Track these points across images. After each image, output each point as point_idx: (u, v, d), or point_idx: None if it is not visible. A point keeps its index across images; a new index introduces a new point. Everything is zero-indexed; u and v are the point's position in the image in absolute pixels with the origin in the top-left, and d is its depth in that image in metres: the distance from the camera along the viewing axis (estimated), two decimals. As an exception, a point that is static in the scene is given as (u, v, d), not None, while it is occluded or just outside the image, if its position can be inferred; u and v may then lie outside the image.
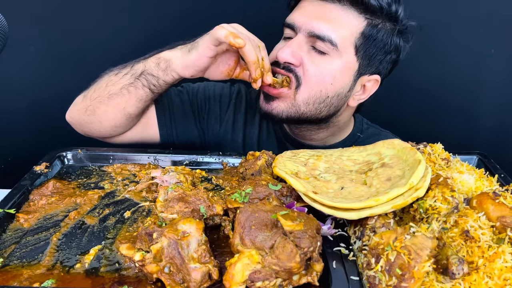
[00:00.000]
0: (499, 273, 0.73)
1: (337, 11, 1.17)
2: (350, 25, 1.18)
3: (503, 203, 0.83)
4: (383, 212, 0.83)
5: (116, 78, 1.25)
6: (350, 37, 1.18)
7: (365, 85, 1.30)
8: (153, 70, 1.21)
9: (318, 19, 1.17)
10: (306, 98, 1.22)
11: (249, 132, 1.46)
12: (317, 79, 1.20)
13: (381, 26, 1.20)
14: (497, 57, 1.81)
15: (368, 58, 1.23)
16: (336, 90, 1.23)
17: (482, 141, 1.95)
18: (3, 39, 0.95)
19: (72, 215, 0.98)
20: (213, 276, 0.75)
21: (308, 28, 1.17)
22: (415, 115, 1.94)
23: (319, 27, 1.16)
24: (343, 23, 1.17)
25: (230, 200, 0.93)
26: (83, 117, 1.31)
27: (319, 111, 1.25)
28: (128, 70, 1.25)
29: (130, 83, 1.23)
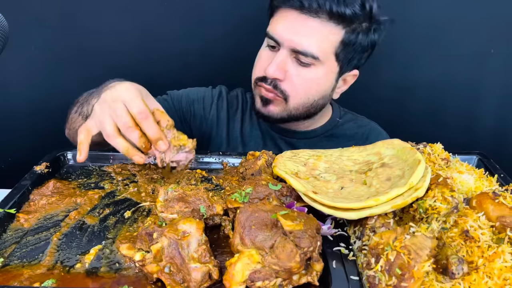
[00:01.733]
0: (498, 273, 0.73)
1: (316, 25, 1.22)
2: (330, 37, 1.24)
3: (503, 203, 0.83)
4: (383, 212, 0.84)
5: (75, 116, 1.26)
6: (330, 47, 1.26)
7: (346, 79, 1.40)
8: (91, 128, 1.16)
9: (299, 35, 1.22)
10: (296, 105, 1.33)
11: (232, 127, 1.55)
12: (304, 89, 1.30)
13: (358, 29, 1.26)
14: (497, 57, 1.81)
15: (348, 60, 1.31)
16: (321, 93, 1.34)
17: (482, 141, 1.96)
18: (3, 39, 0.95)
19: (72, 215, 0.98)
20: (213, 276, 0.76)
21: (290, 44, 1.23)
22: (415, 115, 1.95)
23: (301, 43, 1.22)
24: (323, 36, 1.23)
25: (230, 200, 0.93)
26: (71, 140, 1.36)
27: (307, 111, 1.37)
28: (80, 110, 1.23)
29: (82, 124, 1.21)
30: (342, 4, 1.20)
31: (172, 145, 1.04)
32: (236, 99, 1.58)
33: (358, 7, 1.22)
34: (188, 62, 1.86)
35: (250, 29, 1.80)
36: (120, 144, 0.99)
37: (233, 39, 1.83)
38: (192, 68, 1.87)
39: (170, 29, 1.81)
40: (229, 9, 1.78)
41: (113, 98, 0.99)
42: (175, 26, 1.81)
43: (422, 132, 1.87)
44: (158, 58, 1.85)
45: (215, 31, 1.82)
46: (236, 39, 1.82)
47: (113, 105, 0.98)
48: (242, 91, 1.62)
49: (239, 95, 1.60)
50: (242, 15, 1.79)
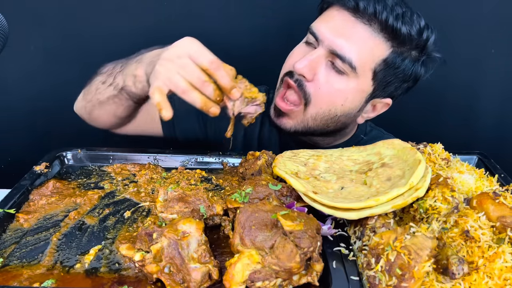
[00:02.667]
0: (499, 273, 0.73)
1: (364, 32, 1.12)
2: (375, 50, 1.14)
3: (503, 203, 0.83)
4: (383, 212, 0.83)
5: (103, 87, 1.22)
6: (371, 62, 1.15)
7: (376, 105, 1.29)
8: (131, 88, 1.13)
9: (343, 37, 1.12)
10: (314, 115, 1.21)
11: (250, 130, 1.46)
12: (328, 99, 1.19)
13: (406, 54, 1.16)
14: (497, 57, 1.81)
15: (385, 84, 1.20)
16: (346, 110, 1.22)
17: (482, 141, 1.95)
18: (3, 39, 0.95)
19: (72, 215, 0.98)
20: (213, 276, 0.75)
21: (331, 45, 1.13)
22: (415, 115, 1.94)
23: (342, 46, 1.12)
24: (367, 47, 1.13)
25: (230, 200, 0.93)
26: (83, 115, 1.36)
27: (326, 126, 1.25)
28: (111, 81, 1.19)
29: (114, 95, 1.19)
30: (400, 19, 1.10)
31: (243, 96, 1.00)
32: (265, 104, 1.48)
33: (416, 31, 1.13)
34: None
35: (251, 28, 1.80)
36: (197, 98, 0.93)
37: (233, 39, 1.82)
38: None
39: (170, 29, 1.81)
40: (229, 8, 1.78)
41: (178, 55, 0.95)
42: (175, 26, 1.81)
43: (422, 132, 1.86)
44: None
45: (215, 31, 1.82)
46: (237, 39, 1.82)
47: (180, 61, 0.94)
48: (265, 89, 1.46)
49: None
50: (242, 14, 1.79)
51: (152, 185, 1.11)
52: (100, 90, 1.23)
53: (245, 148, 1.47)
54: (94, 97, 1.25)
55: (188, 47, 0.96)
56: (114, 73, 1.19)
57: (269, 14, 1.76)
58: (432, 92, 1.91)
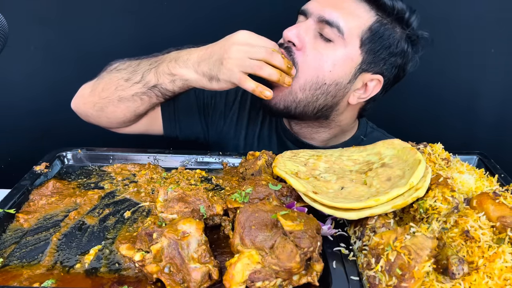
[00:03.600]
0: (499, 273, 0.73)
1: (350, 2, 1.20)
2: (360, 17, 1.19)
3: (503, 203, 0.83)
4: (383, 212, 0.83)
5: (126, 84, 1.24)
6: (357, 28, 1.19)
7: (367, 84, 1.28)
8: (167, 85, 1.21)
9: (330, 7, 1.19)
10: (302, 84, 1.21)
11: (251, 130, 1.47)
12: (315, 65, 1.19)
13: (390, 26, 1.22)
14: (497, 57, 1.81)
15: (373, 54, 1.22)
16: (334, 78, 1.21)
17: (482, 141, 1.95)
18: (3, 39, 0.95)
19: (72, 215, 0.98)
20: (213, 276, 0.75)
21: (319, 13, 1.18)
22: (415, 115, 1.94)
23: (330, 13, 1.17)
24: (353, 14, 1.19)
25: (230, 200, 0.93)
26: (90, 111, 1.34)
27: (315, 97, 1.23)
28: (139, 78, 1.23)
29: (142, 92, 1.23)
30: None
31: None
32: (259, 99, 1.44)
33: (399, 6, 1.20)
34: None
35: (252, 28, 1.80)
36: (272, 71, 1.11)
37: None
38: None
39: (170, 29, 1.81)
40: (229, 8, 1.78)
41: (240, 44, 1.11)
42: (175, 26, 1.81)
43: (422, 132, 1.86)
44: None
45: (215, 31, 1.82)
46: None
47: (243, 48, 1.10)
48: None
49: None
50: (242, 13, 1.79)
51: (152, 185, 1.11)
52: (123, 87, 1.25)
53: (245, 148, 1.47)
54: (114, 94, 1.26)
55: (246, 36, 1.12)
56: (140, 71, 1.24)
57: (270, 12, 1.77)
58: (432, 92, 1.91)
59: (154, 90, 1.22)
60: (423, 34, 1.27)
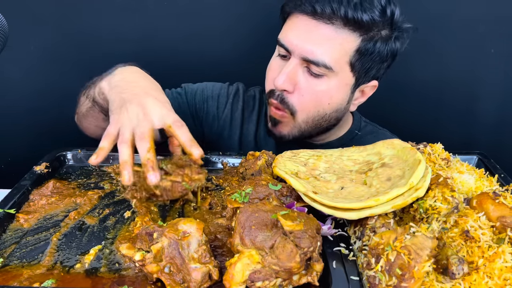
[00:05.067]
0: (499, 273, 0.73)
1: (330, 32, 1.13)
2: (344, 45, 1.14)
3: (503, 203, 0.83)
4: (383, 212, 0.83)
5: (83, 99, 1.25)
6: (344, 57, 1.16)
7: (363, 90, 1.31)
8: (98, 99, 1.15)
9: (311, 43, 1.14)
10: (305, 119, 1.25)
11: (246, 129, 1.48)
12: (313, 103, 1.22)
13: (377, 37, 1.16)
14: (497, 57, 1.81)
15: (365, 71, 1.21)
16: (334, 106, 1.25)
17: (482, 141, 1.95)
18: (3, 39, 0.95)
19: (72, 215, 0.98)
20: (213, 276, 0.76)
21: (302, 53, 1.15)
22: (415, 115, 1.94)
23: (312, 52, 1.13)
24: (336, 44, 1.14)
25: (230, 200, 0.93)
26: (80, 125, 1.37)
27: (319, 125, 1.29)
28: (88, 93, 1.21)
29: (89, 107, 1.23)
30: (359, 9, 1.10)
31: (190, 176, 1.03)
32: (253, 100, 1.49)
33: (378, 13, 1.12)
34: (189, 62, 1.86)
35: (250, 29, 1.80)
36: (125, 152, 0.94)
37: (235, 37, 1.82)
38: (193, 67, 1.86)
39: (170, 28, 1.81)
40: (230, 7, 1.78)
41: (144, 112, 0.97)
42: (175, 26, 1.81)
43: (422, 132, 1.86)
44: (159, 58, 1.85)
45: (216, 31, 1.82)
46: (236, 39, 1.82)
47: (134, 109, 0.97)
48: (260, 90, 1.51)
49: (256, 95, 1.50)
50: (242, 14, 1.79)
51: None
52: (81, 102, 1.26)
53: (241, 148, 1.48)
54: (79, 109, 1.29)
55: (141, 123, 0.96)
56: (90, 86, 1.21)
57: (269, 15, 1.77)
58: (432, 92, 1.91)
59: (95, 104, 1.18)
60: (407, 27, 1.23)
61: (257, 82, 1.57)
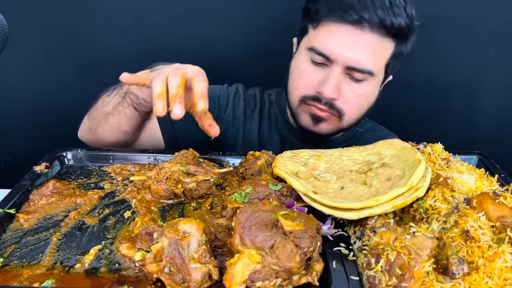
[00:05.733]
0: (499, 273, 0.73)
1: (372, 40, 1.16)
2: (384, 51, 1.20)
3: (503, 203, 0.83)
4: (383, 212, 0.83)
5: (108, 99, 1.27)
6: (383, 61, 1.23)
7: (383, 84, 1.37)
8: (135, 89, 1.18)
9: (356, 52, 1.16)
10: (350, 120, 1.31)
11: (248, 128, 1.50)
12: (358, 105, 1.28)
13: (406, 39, 1.23)
14: (497, 57, 1.81)
15: (392, 68, 1.29)
16: (370, 105, 1.33)
17: (482, 141, 1.95)
18: (3, 39, 0.95)
19: (72, 215, 0.98)
20: (213, 276, 0.76)
21: (347, 62, 1.17)
22: (415, 115, 1.95)
23: (358, 61, 1.17)
24: (378, 52, 1.19)
25: (230, 200, 0.93)
26: (88, 137, 1.36)
27: (358, 123, 1.37)
28: (118, 90, 1.26)
29: (118, 102, 1.24)
30: (399, 15, 1.14)
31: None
32: (254, 99, 1.52)
33: (407, 19, 1.17)
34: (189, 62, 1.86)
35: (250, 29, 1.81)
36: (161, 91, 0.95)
37: (232, 39, 1.83)
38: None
39: (170, 28, 1.81)
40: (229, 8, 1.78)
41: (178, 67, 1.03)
42: (175, 26, 1.81)
43: (422, 132, 1.86)
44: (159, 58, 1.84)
45: (216, 30, 1.82)
46: (235, 39, 1.82)
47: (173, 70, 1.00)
48: (260, 90, 1.56)
49: (257, 94, 1.53)
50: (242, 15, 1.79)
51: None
52: (106, 102, 1.27)
53: (244, 147, 1.49)
54: (100, 112, 1.28)
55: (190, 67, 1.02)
56: (119, 85, 1.25)
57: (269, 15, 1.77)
58: (432, 92, 1.91)
59: (126, 97, 1.21)
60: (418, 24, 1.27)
61: (257, 81, 1.58)
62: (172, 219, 0.94)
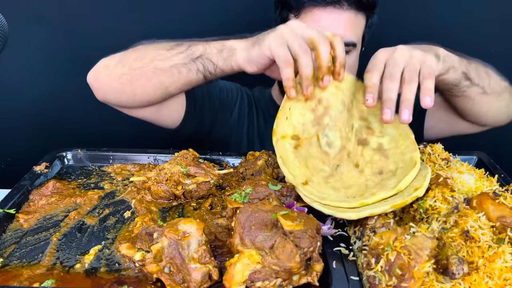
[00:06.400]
0: (499, 273, 0.73)
1: (351, 16, 1.30)
2: (360, 24, 1.35)
3: (503, 203, 0.83)
4: (382, 212, 0.83)
5: (167, 54, 1.14)
6: (361, 32, 1.37)
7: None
8: (213, 56, 1.11)
9: (339, 28, 1.29)
10: None
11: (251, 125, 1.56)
12: None
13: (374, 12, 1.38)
14: (497, 57, 1.81)
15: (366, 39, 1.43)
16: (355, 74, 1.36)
17: (482, 141, 1.95)
18: (3, 39, 0.95)
19: (72, 215, 0.98)
20: (213, 276, 0.76)
21: None
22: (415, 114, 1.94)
23: (344, 36, 1.23)
24: (356, 25, 1.33)
25: (230, 200, 0.93)
26: (113, 84, 1.19)
27: None
28: (184, 49, 1.14)
29: (183, 63, 1.12)
30: None
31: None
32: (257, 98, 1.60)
33: None
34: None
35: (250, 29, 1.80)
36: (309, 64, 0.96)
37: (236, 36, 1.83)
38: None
39: (170, 29, 1.81)
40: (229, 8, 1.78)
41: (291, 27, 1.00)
42: (175, 26, 1.81)
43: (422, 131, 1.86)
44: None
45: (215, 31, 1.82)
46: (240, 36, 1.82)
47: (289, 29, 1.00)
48: (261, 89, 1.63)
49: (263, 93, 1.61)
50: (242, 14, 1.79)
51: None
52: (162, 57, 1.14)
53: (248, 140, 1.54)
54: (150, 64, 1.14)
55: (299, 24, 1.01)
56: (186, 43, 1.16)
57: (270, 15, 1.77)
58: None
59: (197, 61, 1.12)
60: None
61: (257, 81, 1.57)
62: (172, 219, 0.94)
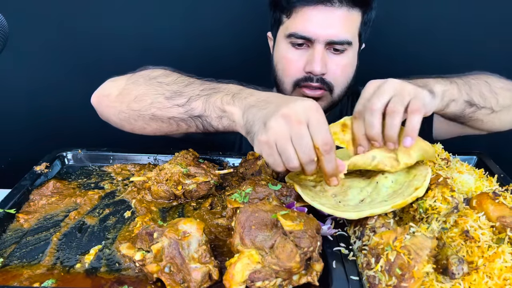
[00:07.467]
0: (499, 273, 0.73)
1: (344, 13, 1.27)
2: (355, 21, 1.31)
3: (503, 203, 0.83)
4: (382, 212, 0.83)
5: (166, 104, 1.06)
6: (356, 29, 1.33)
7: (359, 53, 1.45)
8: (213, 120, 1.00)
9: (332, 27, 1.26)
10: (339, 92, 1.37)
11: None
12: (344, 76, 1.35)
13: (371, 7, 1.35)
14: (497, 57, 1.81)
15: (364, 35, 1.40)
16: (354, 73, 1.40)
17: (482, 141, 1.95)
18: (3, 39, 0.95)
19: (72, 215, 0.98)
20: (213, 276, 0.76)
21: (327, 38, 1.26)
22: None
23: (336, 35, 1.26)
24: (350, 22, 1.30)
25: (230, 200, 0.93)
26: (112, 118, 1.16)
27: (345, 94, 1.41)
28: (183, 102, 1.04)
29: (182, 118, 1.05)
30: None
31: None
32: None
33: None
34: (189, 62, 1.86)
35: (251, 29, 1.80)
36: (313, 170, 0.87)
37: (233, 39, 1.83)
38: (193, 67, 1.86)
39: (170, 29, 1.81)
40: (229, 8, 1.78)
41: (299, 119, 0.83)
42: (175, 26, 1.81)
43: (422, 132, 1.86)
44: (159, 57, 1.84)
45: (215, 31, 1.82)
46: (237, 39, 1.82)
47: (298, 128, 0.83)
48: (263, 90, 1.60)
49: None
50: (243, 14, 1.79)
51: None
52: (160, 106, 1.06)
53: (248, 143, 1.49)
54: (148, 110, 1.08)
55: (311, 113, 0.85)
56: (187, 94, 1.04)
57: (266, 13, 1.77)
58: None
59: (196, 120, 1.03)
60: None
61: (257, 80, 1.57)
62: (172, 219, 0.94)
